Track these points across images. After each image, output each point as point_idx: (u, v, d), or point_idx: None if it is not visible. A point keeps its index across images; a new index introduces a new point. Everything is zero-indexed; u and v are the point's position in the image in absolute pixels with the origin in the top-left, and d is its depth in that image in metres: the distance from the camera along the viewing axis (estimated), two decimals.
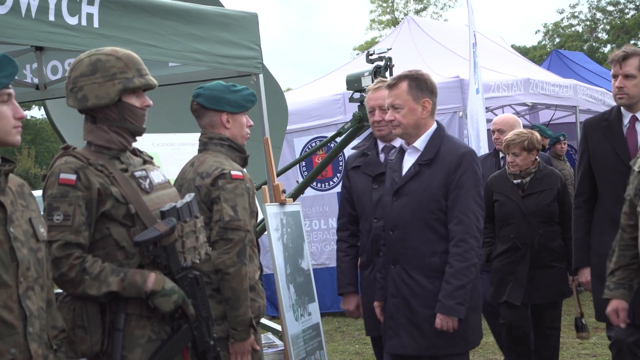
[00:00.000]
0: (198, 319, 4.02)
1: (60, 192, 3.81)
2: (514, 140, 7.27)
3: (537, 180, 7.30)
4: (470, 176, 5.23)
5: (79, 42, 5.57)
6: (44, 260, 3.48)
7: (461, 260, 5.13)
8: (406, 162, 5.42)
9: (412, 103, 5.30)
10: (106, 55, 3.96)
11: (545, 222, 7.26)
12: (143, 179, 4.03)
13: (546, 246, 7.24)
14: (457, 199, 5.20)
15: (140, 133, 4.10)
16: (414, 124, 5.32)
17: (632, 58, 5.73)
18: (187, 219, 4.00)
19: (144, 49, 5.89)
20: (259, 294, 5.00)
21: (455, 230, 5.17)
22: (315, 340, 6.94)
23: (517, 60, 16.94)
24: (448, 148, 5.31)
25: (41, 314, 3.39)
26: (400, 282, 5.29)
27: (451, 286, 5.11)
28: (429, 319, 5.18)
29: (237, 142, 5.07)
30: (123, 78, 3.93)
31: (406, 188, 5.32)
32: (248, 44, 6.98)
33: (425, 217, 5.24)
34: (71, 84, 3.98)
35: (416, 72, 5.38)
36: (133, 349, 3.86)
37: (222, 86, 5.07)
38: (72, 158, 3.90)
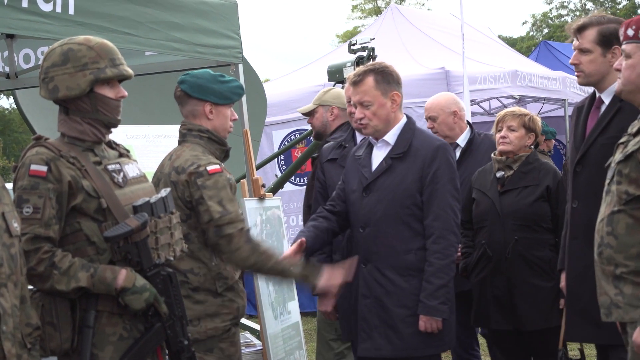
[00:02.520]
0: (172, 317, 3.96)
1: (31, 183, 3.75)
2: (513, 113, 6.13)
3: (521, 174, 5.96)
4: (446, 169, 5.05)
5: (53, 30, 5.50)
6: (18, 256, 3.39)
7: (441, 257, 4.97)
8: (376, 157, 5.23)
9: (381, 98, 5.11)
10: (78, 44, 3.89)
11: (524, 227, 5.84)
12: (116, 172, 3.96)
13: (524, 257, 5.82)
14: (434, 194, 5.02)
15: (114, 125, 4.02)
16: (384, 120, 5.14)
17: (588, 29, 4.87)
18: (162, 214, 3.94)
19: (120, 37, 5.83)
20: (239, 294, 4.85)
21: (433, 227, 5.00)
22: (294, 340, 6.83)
23: (504, 51, 16.85)
24: (421, 141, 5.13)
25: (14, 312, 3.31)
26: (373, 282, 5.07)
27: (433, 285, 4.95)
28: (405, 319, 5.01)
29: (217, 134, 4.90)
30: (95, 68, 3.86)
31: (377, 183, 5.12)
32: (227, 32, 6.88)
33: (399, 214, 5.05)
34: (43, 74, 3.91)
35: (380, 65, 5.19)
36: (104, 346, 3.81)
37: (209, 75, 4.92)
38: (43, 149, 3.82)
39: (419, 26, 15.35)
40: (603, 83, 4.87)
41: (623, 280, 3.92)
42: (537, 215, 5.85)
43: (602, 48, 4.82)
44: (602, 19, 4.89)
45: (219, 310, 4.74)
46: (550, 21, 49.33)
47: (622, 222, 3.92)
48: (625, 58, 4.08)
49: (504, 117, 6.08)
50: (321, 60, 14.65)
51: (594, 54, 4.84)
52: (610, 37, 4.79)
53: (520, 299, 5.80)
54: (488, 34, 17.57)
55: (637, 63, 4.04)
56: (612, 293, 3.97)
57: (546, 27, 49.14)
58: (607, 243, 3.95)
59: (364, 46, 7.94)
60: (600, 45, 4.83)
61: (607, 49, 4.81)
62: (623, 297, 3.91)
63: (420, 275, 4.99)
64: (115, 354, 3.80)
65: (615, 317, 3.99)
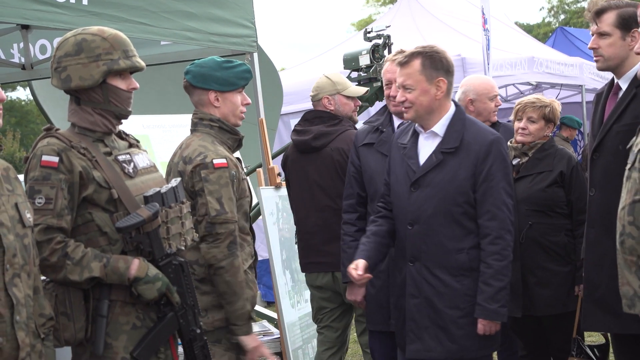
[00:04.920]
0: (184, 307, 3.96)
1: (42, 174, 3.73)
2: (533, 104, 6.05)
3: (536, 160, 5.98)
4: (500, 166, 4.79)
5: (67, 20, 5.49)
6: (31, 247, 3.40)
7: (500, 259, 4.71)
8: (423, 148, 4.91)
9: (425, 83, 4.79)
10: (92, 35, 3.86)
11: (538, 212, 5.86)
12: (127, 163, 3.95)
13: (538, 242, 5.83)
14: (489, 192, 4.75)
15: (125, 116, 4.00)
16: (427, 107, 4.81)
17: (607, 13, 4.81)
18: (172, 204, 3.94)
19: (135, 27, 5.81)
20: (248, 284, 4.79)
21: (490, 226, 4.74)
22: (312, 328, 6.82)
23: (521, 37, 16.80)
24: (473, 134, 4.83)
25: (28, 302, 3.32)
26: (422, 281, 4.80)
27: (492, 288, 4.70)
28: (456, 321, 4.77)
29: (228, 123, 4.86)
30: (108, 59, 3.83)
31: (427, 179, 4.81)
32: (242, 21, 6.87)
33: (452, 211, 4.76)
34: (55, 64, 3.88)
35: (431, 49, 4.86)
36: (118, 335, 3.80)
37: (213, 63, 4.85)
38: (54, 140, 3.81)
39: (435, 13, 15.32)
40: (622, 68, 4.81)
41: None
42: (551, 200, 5.82)
43: (622, 31, 4.76)
44: (621, 3, 4.82)
45: None
46: (566, 7, 49.03)
47: None
48: None
49: (524, 107, 6.01)
50: (337, 49, 14.62)
51: (613, 38, 4.78)
52: (629, 20, 4.72)
53: (535, 284, 5.77)
54: (505, 20, 17.51)
55: None
56: (637, 285, 3.91)
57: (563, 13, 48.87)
58: (629, 233, 3.87)
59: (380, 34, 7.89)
60: (619, 28, 4.77)
61: (626, 32, 4.74)
62: None
63: (472, 275, 4.76)
64: (129, 343, 3.80)
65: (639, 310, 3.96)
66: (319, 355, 6.22)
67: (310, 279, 6.22)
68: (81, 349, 3.80)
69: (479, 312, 4.71)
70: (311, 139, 6.20)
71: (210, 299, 4.67)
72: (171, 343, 3.96)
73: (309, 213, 6.12)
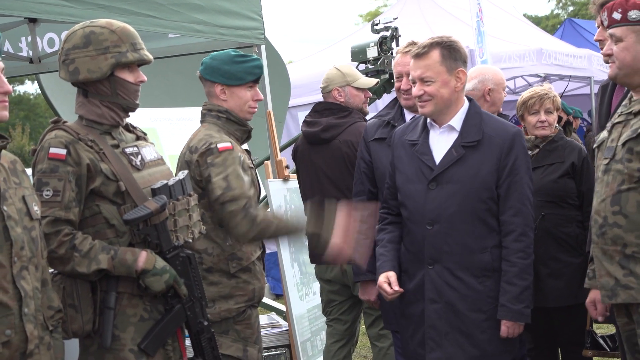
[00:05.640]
0: (191, 299, 3.96)
1: (50, 167, 3.74)
2: (547, 95, 5.98)
3: (547, 152, 5.95)
4: (523, 159, 4.60)
5: (74, 14, 5.49)
6: (38, 239, 3.40)
7: (524, 257, 4.52)
8: (437, 143, 4.67)
9: (446, 75, 4.56)
10: (100, 27, 3.87)
11: (551, 203, 5.83)
12: (134, 155, 3.96)
13: (551, 233, 5.80)
14: (513, 187, 4.55)
15: (132, 109, 4.01)
16: (447, 99, 4.58)
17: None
18: (180, 196, 3.95)
19: (143, 19, 5.81)
20: (255, 275, 4.80)
21: (514, 223, 4.53)
22: (320, 320, 6.83)
23: (529, 29, 16.76)
24: (494, 127, 4.63)
25: (36, 294, 3.33)
26: (443, 285, 4.56)
27: (516, 288, 4.49)
28: (480, 325, 4.54)
29: (236, 114, 4.85)
30: (116, 52, 3.84)
31: (448, 175, 4.56)
32: (249, 14, 6.86)
33: (476, 209, 4.54)
34: (63, 56, 3.89)
35: (448, 39, 4.63)
36: (125, 327, 3.81)
37: (226, 56, 4.85)
38: (62, 132, 3.81)
39: (442, 5, 15.27)
40: None
41: (634, 260, 3.91)
42: (563, 191, 5.81)
43: None
44: None
45: (233, 292, 4.71)
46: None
47: (632, 200, 3.91)
48: (616, 42, 4.08)
49: (541, 99, 5.95)
50: (344, 41, 14.60)
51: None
52: None
53: (548, 276, 5.74)
54: (512, 12, 17.48)
55: (630, 45, 4.04)
56: (620, 274, 3.96)
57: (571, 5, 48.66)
58: (614, 222, 3.94)
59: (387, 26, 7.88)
60: None
61: None
62: (636, 278, 3.89)
63: (495, 276, 4.56)
64: (137, 335, 3.81)
65: (624, 299, 3.97)
66: (328, 347, 6.22)
67: (319, 271, 6.21)
68: (89, 341, 3.81)
69: (503, 313, 4.51)
70: (320, 131, 6.19)
71: (217, 290, 4.68)
72: (179, 335, 3.97)
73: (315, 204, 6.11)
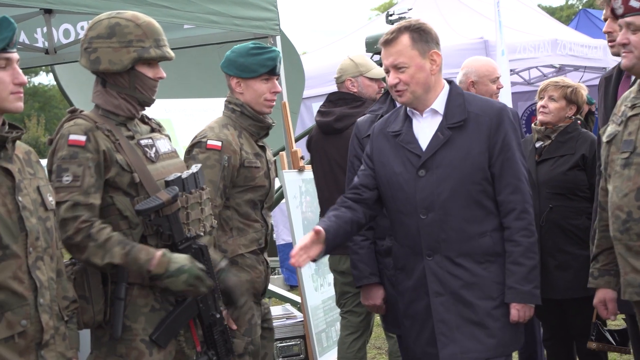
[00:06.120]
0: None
1: (70, 153, 3.76)
2: (556, 83, 5.95)
3: (559, 143, 5.86)
4: (512, 135, 4.40)
5: (90, 4, 5.48)
6: (53, 230, 3.41)
7: (528, 234, 4.33)
8: (421, 130, 4.44)
9: (419, 59, 4.35)
10: (126, 20, 3.89)
11: (559, 195, 5.76)
12: (149, 147, 3.97)
13: (559, 225, 5.73)
14: (507, 164, 4.35)
15: (148, 104, 4.03)
16: (424, 84, 4.37)
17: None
18: (193, 190, 3.95)
19: (158, 10, 5.79)
20: (243, 268, 4.73)
21: (514, 200, 4.34)
22: (335, 312, 6.83)
23: (543, 20, 16.67)
24: (478, 106, 4.42)
25: (51, 285, 3.34)
26: (445, 275, 4.33)
27: (524, 267, 4.29)
28: (491, 312, 4.32)
29: (252, 108, 4.83)
30: (139, 47, 3.86)
31: (437, 159, 4.34)
32: (264, 4, 6.87)
33: (470, 191, 4.32)
34: (86, 44, 3.91)
35: (415, 22, 4.44)
36: (136, 318, 3.83)
37: (243, 48, 4.85)
38: (81, 120, 3.84)
39: None
40: None
41: None
42: (572, 183, 5.75)
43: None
44: None
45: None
46: None
47: None
48: (633, 32, 4.01)
49: (546, 86, 5.96)
50: (359, 32, 14.56)
51: None
52: None
53: (555, 268, 5.71)
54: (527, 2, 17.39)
55: None
56: None
57: None
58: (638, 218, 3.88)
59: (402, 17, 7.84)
60: None
61: None
62: None
63: (499, 261, 4.34)
64: (148, 325, 3.82)
65: None
66: (342, 339, 6.21)
67: (332, 263, 6.20)
68: (100, 332, 3.82)
69: (511, 296, 4.31)
70: (333, 121, 6.19)
71: None
72: (191, 327, 3.97)
73: (331, 194, 6.09)
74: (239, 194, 4.73)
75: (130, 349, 3.79)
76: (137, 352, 3.79)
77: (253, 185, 4.76)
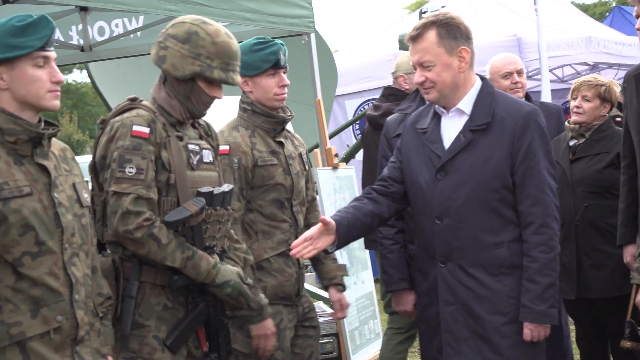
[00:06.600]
0: (214, 297, 3.94)
1: (133, 144, 3.75)
2: (589, 82, 5.85)
3: (593, 141, 5.79)
4: (540, 141, 4.14)
5: (124, 2, 5.52)
6: (88, 227, 3.42)
7: (546, 251, 4.08)
8: (447, 130, 4.26)
9: (446, 56, 4.15)
10: (206, 33, 3.85)
11: (594, 193, 5.67)
12: (194, 153, 3.95)
13: (594, 224, 5.65)
14: (529, 173, 4.10)
15: (198, 117, 4.02)
16: (451, 83, 4.18)
17: None
18: (218, 207, 3.92)
19: (193, 8, 5.81)
20: (269, 272, 4.67)
21: (533, 213, 4.09)
22: (368, 310, 6.84)
23: (577, 17, 16.59)
24: (506, 107, 4.19)
25: (86, 281, 3.36)
26: (456, 284, 4.17)
27: (539, 286, 4.06)
28: (500, 329, 4.13)
29: (263, 105, 4.73)
30: (205, 64, 3.82)
31: (456, 163, 4.16)
32: (299, 2, 6.88)
33: (487, 199, 4.12)
34: (162, 37, 3.91)
35: (444, 16, 4.22)
36: (149, 315, 3.83)
37: (245, 46, 4.68)
38: (143, 111, 3.84)
39: None
40: None
41: None
42: (607, 182, 5.64)
43: None
44: None
45: None
46: None
47: None
48: None
49: (579, 86, 5.89)
50: (392, 29, 14.54)
51: None
52: None
53: (591, 267, 5.66)
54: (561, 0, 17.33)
55: None
56: None
57: None
58: None
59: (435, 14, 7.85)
60: None
61: None
62: None
63: (516, 273, 4.14)
64: (160, 322, 3.84)
65: None
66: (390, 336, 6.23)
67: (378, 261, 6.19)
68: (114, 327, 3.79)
69: (524, 315, 4.10)
70: (379, 116, 6.20)
71: None
72: (199, 333, 3.98)
73: None
74: (260, 195, 4.66)
75: (142, 345, 3.80)
76: (150, 348, 3.80)
77: (272, 184, 4.67)
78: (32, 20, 3.22)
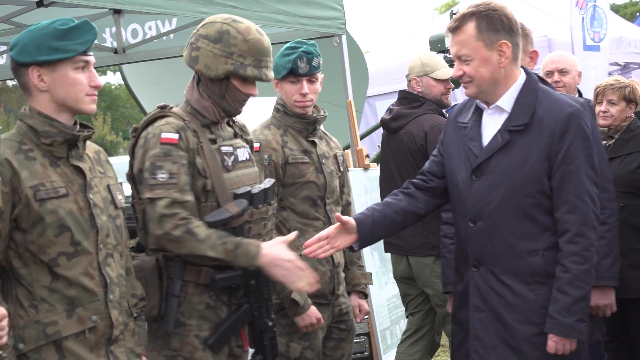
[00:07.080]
0: (259, 299, 3.96)
1: (163, 151, 3.76)
2: (612, 86, 5.77)
3: (624, 141, 5.74)
4: (582, 145, 3.87)
5: (158, 4, 5.53)
6: (122, 228, 3.46)
7: (580, 262, 3.82)
8: (487, 127, 4.04)
9: (484, 50, 3.91)
10: (237, 31, 3.85)
11: (629, 193, 5.59)
12: (228, 155, 3.95)
13: (630, 224, 5.54)
14: (567, 178, 3.86)
15: (234, 115, 4.03)
16: (490, 79, 3.94)
17: None
18: (260, 205, 3.93)
19: (225, 10, 5.80)
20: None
21: (569, 221, 3.84)
22: (399, 309, 6.83)
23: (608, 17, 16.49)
24: (547, 107, 3.93)
25: (121, 282, 3.40)
26: (488, 290, 3.99)
27: (568, 297, 3.82)
28: (531, 340, 3.92)
29: (291, 108, 4.78)
30: (238, 62, 3.83)
31: (491, 164, 3.95)
32: (331, 3, 6.87)
33: (522, 203, 3.89)
34: (194, 38, 3.92)
35: (486, 6, 3.95)
36: (191, 314, 3.85)
37: (282, 48, 4.79)
38: (172, 119, 3.85)
39: None
40: None
41: None
42: None
43: None
44: None
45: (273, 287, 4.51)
46: None
47: None
48: None
49: (603, 90, 5.84)
50: (422, 30, 14.56)
51: None
52: None
53: (628, 267, 5.51)
54: None
55: None
56: None
57: None
58: None
59: None
60: None
61: None
62: None
63: (550, 283, 3.89)
64: (202, 322, 3.86)
65: None
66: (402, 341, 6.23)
67: (393, 266, 6.19)
68: (156, 325, 3.84)
69: (550, 326, 3.86)
70: (390, 120, 6.18)
71: None
72: (242, 334, 3.99)
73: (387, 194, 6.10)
74: (292, 193, 4.70)
75: (184, 343, 3.82)
76: (191, 347, 3.82)
77: (304, 181, 4.70)
78: (75, 25, 3.25)
